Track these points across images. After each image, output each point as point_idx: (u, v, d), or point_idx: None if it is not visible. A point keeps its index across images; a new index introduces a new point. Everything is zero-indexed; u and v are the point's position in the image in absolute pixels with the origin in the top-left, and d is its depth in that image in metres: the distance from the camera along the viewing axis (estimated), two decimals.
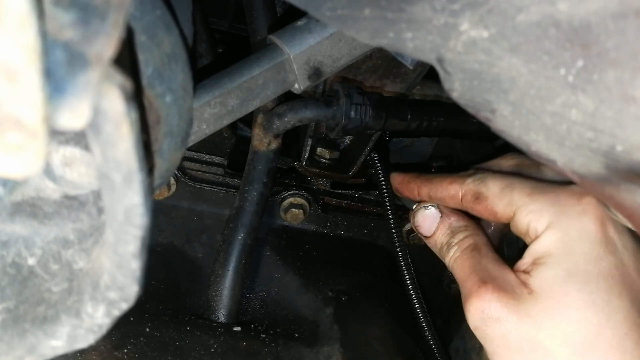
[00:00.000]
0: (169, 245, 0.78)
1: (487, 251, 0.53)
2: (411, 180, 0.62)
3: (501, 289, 0.48)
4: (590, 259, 0.45)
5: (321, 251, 0.83)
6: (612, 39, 0.26)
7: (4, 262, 0.35)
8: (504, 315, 0.47)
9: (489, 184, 0.53)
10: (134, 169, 0.26)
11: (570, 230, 0.46)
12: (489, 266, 0.51)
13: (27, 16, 0.20)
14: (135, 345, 0.61)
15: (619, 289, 0.45)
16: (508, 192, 0.51)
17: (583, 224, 0.46)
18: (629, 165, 0.29)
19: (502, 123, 0.32)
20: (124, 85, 0.24)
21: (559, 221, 0.47)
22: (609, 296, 0.44)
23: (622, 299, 0.44)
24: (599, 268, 0.45)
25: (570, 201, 0.47)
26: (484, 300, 0.48)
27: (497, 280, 0.49)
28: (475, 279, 0.50)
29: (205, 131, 0.49)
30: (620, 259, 0.45)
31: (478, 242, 0.54)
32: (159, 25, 0.34)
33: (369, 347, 0.72)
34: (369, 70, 0.61)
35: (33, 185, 0.35)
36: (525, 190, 0.50)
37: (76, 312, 0.32)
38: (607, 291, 0.44)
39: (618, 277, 0.45)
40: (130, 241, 0.28)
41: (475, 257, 0.53)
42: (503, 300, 0.47)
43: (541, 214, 0.48)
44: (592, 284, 0.45)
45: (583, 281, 0.45)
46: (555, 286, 0.46)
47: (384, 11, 0.29)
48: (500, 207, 0.51)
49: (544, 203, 0.48)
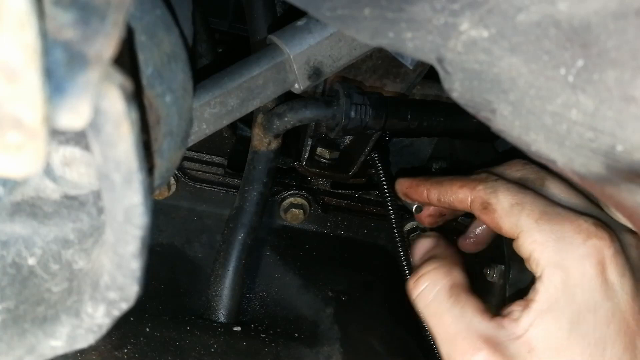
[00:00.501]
0: (169, 245, 0.78)
1: (467, 297, 0.49)
2: (420, 183, 0.61)
3: (497, 352, 0.45)
4: (590, 307, 0.44)
5: (321, 251, 0.83)
6: (612, 39, 0.26)
7: (4, 262, 0.35)
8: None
9: (499, 196, 0.50)
10: (134, 169, 0.26)
11: (572, 273, 0.45)
12: (475, 321, 0.47)
13: (27, 16, 0.20)
14: (135, 345, 0.61)
15: (613, 337, 0.44)
16: (517, 212, 0.49)
17: (584, 267, 0.45)
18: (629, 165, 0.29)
19: (502, 123, 0.32)
20: (124, 85, 0.24)
21: (561, 260, 0.45)
22: (603, 346, 0.44)
23: (615, 347, 0.44)
24: (597, 316, 0.44)
25: (576, 239, 0.45)
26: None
27: (491, 341, 0.46)
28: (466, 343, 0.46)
29: (205, 131, 0.49)
30: (617, 304, 0.45)
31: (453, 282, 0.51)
32: (159, 25, 0.34)
33: (369, 347, 0.72)
34: (369, 70, 0.61)
35: (33, 185, 0.35)
36: (534, 214, 0.48)
37: (76, 312, 0.32)
38: (602, 340, 0.44)
39: (614, 325, 0.44)
40: (130, 241, 0.28)
41: (455, 307, 0.49)
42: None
43: (545, 246, 0.46)
44: (590, 335, 0.44)
45: (584, 333, 0.44)
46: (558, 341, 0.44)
47: (384, 11, 0.29)
48: (506, 224, 0.50)
49: (549, 236, 0.46)
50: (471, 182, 0.54)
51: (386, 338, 0.74)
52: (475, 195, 0.53)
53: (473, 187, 0.53)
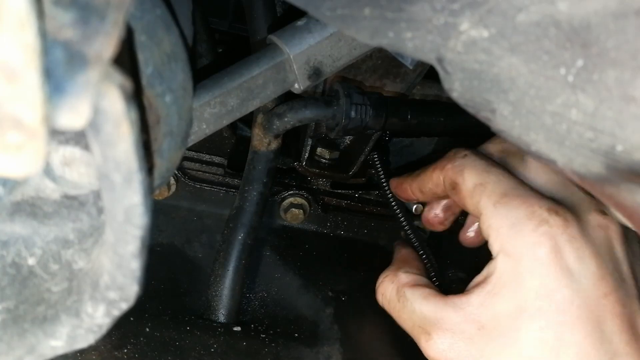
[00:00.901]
0: (169, 245, 0.78)
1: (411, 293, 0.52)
2: (403, 181, 0.62)
3: (447, 332, 0.47)
4: (542, 293, 0.44)
5: (321, 251, 0.83)
6: (612, 39, 0.26)
7: (4, 262, 0.35)
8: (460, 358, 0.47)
9: (465, 176, 0.51)
10: (134, 168, 0.26)
11: (523, 260, 0.45)
12: (423, 309, 0.50)
13: (27, 16, 0.20)
14: (135, 345, 0.61)
15: (571, 323, 0.44)
16: (478, 193, 0.50)
17: (536, 254, 0.45)
18: (629, 165, 0.29)
19: (502, 123, 0.32)
20: (124, 85, 0.24)
21: (513, 249, 0.46)
22: (560, 331, 0.44)
23: (574, 333, 0.44)
24: (550, 302, 0.44)
25: (527, 226, 0.46)
26: (436, 351, 0.48)
27: (439, 324, 0.48)
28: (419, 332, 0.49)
29: (205, 131, 0.49)
30: (575, 290, 0.44)
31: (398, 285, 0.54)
32: (159, 25, 0.34)
33: (369, 347, 0.72)
34: (369, 70, 0.61)
35: (33, 185, 0.35)
36: (493, 196, 0.48)
37: (76, 312, 0.32)
38: (558, 326, 0.44)
39: (572, 310, 0.44)
40: (130, 241, 0.28)
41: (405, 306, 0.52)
42: (454, 346, 0.47)
43: (498, 233, 0.47)
44: (542, 320, 0.44)
45: (533, 317, 0.44)
46: (506, 322, 0.45)
47: (384, 11, 0.29)
48: (469, 205, 0.51)
49: (503, 221, 0.47)
50: (441, 162, 0.55)
51: (386, 338, 0.74)
52: (445, 175, 0.54)
53: (442, 167, 0.54)
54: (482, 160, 0.52)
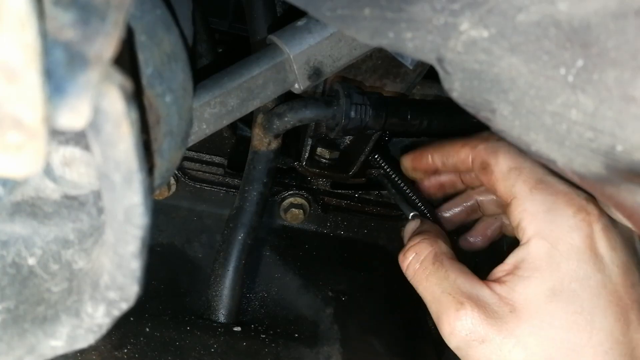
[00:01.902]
0: (169, 245, 0.78)
1: (450, 263, 0.51)
2: (423, 150, 0.60)
3: (481, 308, 0.47)
4: (576, 277, 0.45)
5: (321, 251, 0.83)
6: (612, 39, 0.26)
7: (4, 262, 0.35)
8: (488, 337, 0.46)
9: (499, 158, 0.51)
10: (134, 168, 0.26)
11: (559, 244, 0.46)
12: (459, 281, 0.49)
13: (27, 16, 0.20)
14: (135, 345, 0.61)
15: (603, 308, 0.45)
16: (514, 177, 0.49)
17: (573, 239, 0.46)
18: (629, 165, 0.29)
19: (502, 123, 0.32)
20: (124, 85, 0.24)
21: (549, 232, 0.46)
22: (592, 316, 0.44)
23: (606, 317, 0.45)
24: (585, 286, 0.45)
25: (565, 212, 0.46)
26: (466, 323, 0.47)
27: (473, 298, 0.47)
28: (450, 299, 0.48)
29: (205, 131, 0.49)
30: (608, 276, 0.45)
31: (437, 251, 0.52)
32: (159, 25, 0.34)
33: (369, 347, 0.72)
34: (369, 70, 0.61)
35: (33, 185, 0.35)
36: (529, 181, 0.48)
37: (76, 312, 0.32)
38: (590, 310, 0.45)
39: (605, 295, 0.45)
40: (130, 241, 0.28)
41: (439, 271, 0.51)
42: (485, 321, 0.46)
43: (534, 217, 0.47)
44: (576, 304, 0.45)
45: (567, 300, 0.45)
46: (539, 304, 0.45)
47: (384, 11, 0.29)
48: (501, 188, 0.50)
49: (540, 206, 0.47)
50: (473, 141, 0.54)
51: (386, 338, 0.74)
52: (476, 154, 0.53)
53: (474, 146, 0.54)
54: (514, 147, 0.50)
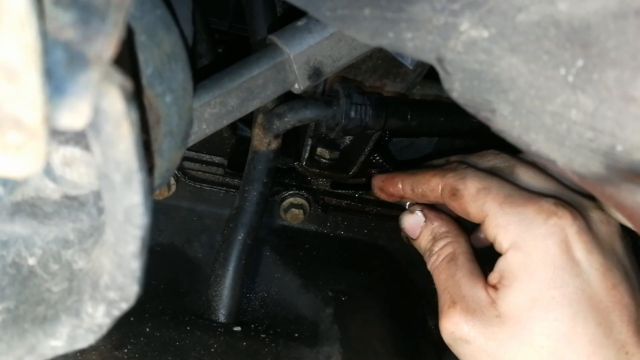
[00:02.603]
0: (169, 245, 0.78)
1: (463, 261, 0.54)
2: (395, 175, 0.63)
3: (469, 310, 0.49)
4: (554, 284, 0.46)
5: (321, 251, 0.83)
6: (612, 39, 0.26)
7: (4, 262, 0.35)
8: (472, 338, 0.49)
9: (467, 182, 0.53)
10: (134, 169, 0.26)
11: (534, 253, 0.47)
12: (462, 281, 0.52)
13: (27, 16, 0.20)
14: (135, 345, 0.61)
15: (584, 314, 0.45)
16: (482, 196, 0.51)
17: (547, 247, 0.46)
18: (629, 165, 0.29)
19: (502, 123, 0.32)
20: (124, 85, 0.24)
21: (523, 242, 0.47)
22: (573, 322, 0.45)
23: (587, 323, 0.45)
24: (564, 293, 0.46)
25: (536, 220, 0.47)
26: (452, 321, 0.50)
27: (467, 299, 0.50)
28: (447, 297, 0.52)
29: (205, 131, 0.49)
30: (586, 281, 0.46)
31: (457, 250, 0.55)
32: (159, 25, 0.34)
33: (369, 347, 0.72)
34: (369, 70, 0.61)
35: (33, 185, 0.35)
36: (498, 198, 0.50)
37: (76, 312, 0.32)
38: (571, 317, 0.45)
39: (584, 301, 0.45)
40: (130, 241, 0.28)
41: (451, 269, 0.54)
42: (470, 322, 0.49)
43: (507, 230, 0.48)
44: (556, 311, 0.46)
45: (547, 308, 0.46)
46: (520, 312, 0.47)
47: (384, 11, 0.29)
48: (472, 209, 0.52)
49: (511, 218, 0.48)
50: (442, 171, 0.57)
51: (386, 338, 0.74)
52: (445, 183, 0.55)
53: (443, 175, 0.56)
54: (482, 172, 0.54)
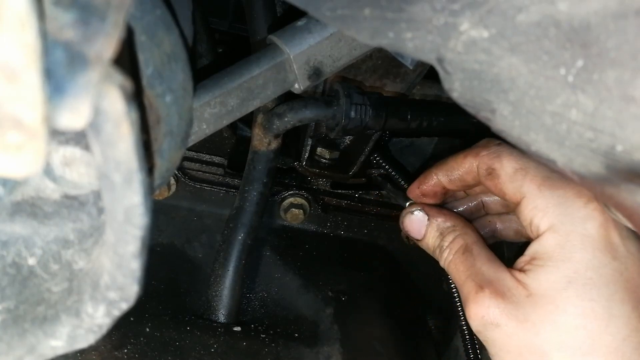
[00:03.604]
0: (169, 245, 0.78)
1: (479, 251, 0.53)
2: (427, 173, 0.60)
3: (498, 293, 0.48)
4: (592, 265, 0.45)
5: (321, 251, 0.83)
6: (612, 39, 0.26)
7: (4, 262, 0.35)
8: (503, 321, 0.47)
9: (503, 161, 0.52)
10: (134, 169, 0.26)
11: (572, 235, 0.46)
12: (484, 268, 0.51)
13: (27, 16, 0.20)
14: (135, 345, 0.61)
15: (620, 295, 0.45)
16: (520, 177, 0.50)
17: (586, 229, 0.46)
18: (629, 165, 0.29)
19: (502, 123, 0.32)
20: (124, 85, 0.24)
21: (561, 224, 0.47)
22: (609, 303, 0.45)
23: (624, 305, 0.45)
24: (601, 274, 0.45)
25: (576, 203, 0.47)
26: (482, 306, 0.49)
27: (494, 283, 0.49)
28: (472, 284, 0.50)
29: (205, 131, 0.49)
30: (624, 265, 0.46)
31: (468, 241, 0.54)
32: (159, 25, 0.34)
33: (369, 347, 0.72)
34: (369, 70, 0.61)
35: (33, 185, 0.35)
36: (536, 179, 0.49)
37: (76, 312, 0.32)
38: (608, 298, 0.45)
39: (621, 283, 0.45)
40: (130, 241, 0.28)
41: (468, 259, 0.53)
42: (501, 305, 0.48)
43: (545, 212, 0.48)
44: (592, 291, 0.45)
45: (583, 288, 0.45)
46: (555, 291, 0.46)
47: (384, 11, 0.29)
48: (509, 189, 0.51)
49: (550, 201, 0.48)
50: (474, 150, 0.55)
51: (386, 338, 0.74)
52: (480, 161, 0.54)
53: (477, 154, 0.54)
54: (516, 149, 0.52)
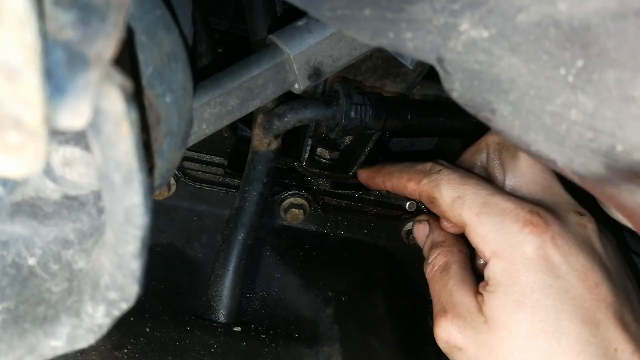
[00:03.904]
0: (169, 246, 0.78)
1: (455, 270, 0.55)
2: (375, 174, 0.64)
3: (460, 317, 0.51)
4: (537, 287, 0.47)
5: (321, 251, 0.83)
6: (612, 39, 0.26)
7: (4, 262, 0.35)
8: (464, 345, 0.50)
9: (442, 190, 0.54)
10: (134, 169, 0.26)
11: (514, 260, 0.48)
12: (453, 289, 0.53)
13: (27, 16, 0.20)
14: (135, 345, 0.61)
15: (568, 313, 0.47)
16: (459, 206, 0.52)
17: (525, 253, 0.48)
18: (629, 165, 0.29)
19: (502, 123, 0.32)
20: (124, 85, 0.24)
21: (502, 251, 0.49)
22: (558, 321, 0.46)
23: (572, 321, 0.46)
24: (547, 295, 0.47)
25: (513, 229, 0.49)
26: (445, 330, 0.52)
27: (457, 307, 0.52)
28: (439, 306, 0.53)
29: (205, 131, 0.49)
30: (568, 282, 0.47)
31: (450, 260, 0.56)
32: (159, 25, 0.34)
33: (369, 347, 0.72)
34: (369, 70, 0.61)
35: (33, 185, 0.35)
36: (474, 207, 0.51)
37: (76, 312, 0.32)
38: (556, 316, 0.47)
39: (567, 301, 0.47)
40: (131, 241, 0.28)
41: (443, 278, 0.55)
42: (462, 330, 0.51)
43: (486, 240, 0.50)
44: (541, 312, 0.47)
45: (531, 310, 0.47)
46: (506, 316, 0.48)
47: (384, 11, 0.29)
48: (452, 217, 0.54)
49: (489, 228, 0.50)
50: (416, 176, 0.57)
51: (386, 338, 0.74)
52: (421, 190, 0.56)
53: (418, 181, 0.57)
54: (456, 174, 0.55)
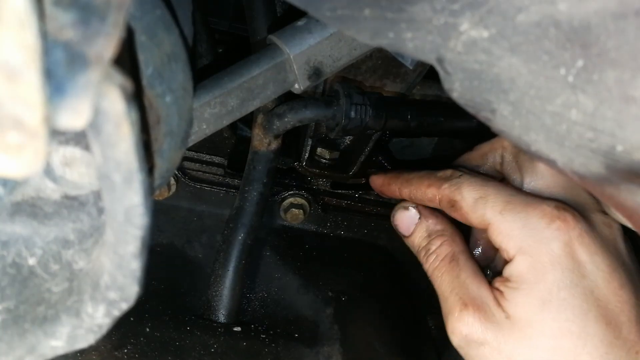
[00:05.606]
0: (169, 246, 0.78)
1: (465, 262, 0.53)
2: (392, 181, 0.62)
3: (481, 311, 0.49)
4: (563, 286, 0.46)
5: (321, 251, 0.83)
6: (612, 39, 0.26)
7: (4, 262, 0.35)
8: (487, 339, 0.49)
9: (463, 193, 0.53)
10: (134, 169, 0.26)
11: (541, 256, 0.47)
12: (468, 282, 0.51)
13: (27, 16, 0.20)
14: (135, 345, 0.61)
15: (594, 313, 0.46)
16: (481, 206, 0.51)
17: (552, 250, 0.47)
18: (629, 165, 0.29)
19: (502, 123, 0.32)
20: (124, 85, 0.24)
21: (528, 247, 0.48)
22: (584, 322, 0.46)
23: (598, 323, 0.46)
24: (573, 294, 0.46)
25: (540, 224, 0.48)
26: (466, 324, 0.49)
27: (477, 300, 0.50)
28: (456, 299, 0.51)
29: (205, 131, 0.49)
30: (594, 282, 0.46)
31: (456, 250, 0.55)
32: (159, 25, 0.34)
33: (369, 347, 0.72)
34: (369, 70, 0.61)
35: (33, 185, 0.35)
36: (497, 206, 0.50)
37: (76, 312, 0.32)
38: (582, 317, 0.46)
39: (593, 301, 0.46)
40: (131, 241, 0.28)
41: (454, 270, 0.53)
42: (484, 324, 0.49)
43: (511, 236, 0.49)
44: (567, 312, 0.46)
45: (557, 309, 0.46)
46: (531, 314, 0.47)
47: (384, 11, 0.29)
48: (474, 219, 0.52)
49: (514, 224, 0.49)
50: (437, 181, 0.56)
51: (386, 338, 0.74)
52: (442, 194, 0.55)
53: (439, 186, 0.55)
54: (477, 177, 0.54)
